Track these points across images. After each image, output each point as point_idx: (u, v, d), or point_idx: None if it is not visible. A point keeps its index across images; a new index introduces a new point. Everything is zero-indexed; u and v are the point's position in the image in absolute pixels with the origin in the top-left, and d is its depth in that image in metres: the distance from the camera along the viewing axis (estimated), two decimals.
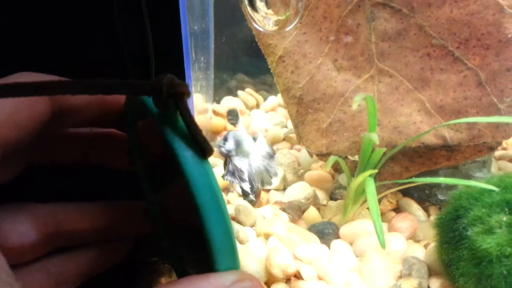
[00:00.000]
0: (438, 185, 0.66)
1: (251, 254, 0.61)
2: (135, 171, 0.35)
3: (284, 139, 0.87)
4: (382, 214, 0.69)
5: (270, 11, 0.56)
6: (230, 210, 0.71)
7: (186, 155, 0.23)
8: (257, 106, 0.99)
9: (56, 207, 0.32)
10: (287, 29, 0.54)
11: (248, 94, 0.98)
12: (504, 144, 0.84)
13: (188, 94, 0.24)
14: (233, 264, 0.24)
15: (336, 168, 0.76)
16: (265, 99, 1.00)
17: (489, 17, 0.49)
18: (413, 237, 0.65)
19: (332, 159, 0.51)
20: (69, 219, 0.33)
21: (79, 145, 0.34)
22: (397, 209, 0.70)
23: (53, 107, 0.27)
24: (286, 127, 0.90)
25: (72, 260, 0.33)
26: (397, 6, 0.56)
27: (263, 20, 0.55)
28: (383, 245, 0.50)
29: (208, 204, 0.23)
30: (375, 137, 0.47)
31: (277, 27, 0.55)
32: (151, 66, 0.43)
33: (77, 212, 0.34)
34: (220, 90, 1.00)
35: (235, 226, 0.67)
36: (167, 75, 0.23)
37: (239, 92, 0.98)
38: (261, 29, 0.55)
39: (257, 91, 1.01)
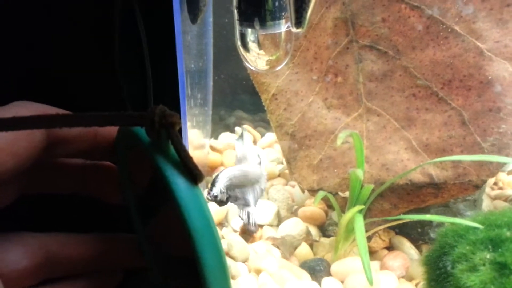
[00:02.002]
0: (430, 224, 0.66)
1: None
2: (125, 204, 0.36)
3: (279, 175, 0.88)
4: (375, 252, 0.69)
5: (261, 52, 0.58)
6: (224, 244, 0.71)
7: (177, 181, 0.24)
8: (254, 142, 1.00)
9: (48, 236, 0.33)
10: (278, 68, 0.56)
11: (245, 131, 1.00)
12: (500, 184, 0.85)
13: (179, 123, 0.25)
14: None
15: (330, 205, 0.77)
16: (262, 135, 1.02)
17: (470, 60, 0.51)
18: (406, 276, 0.65)
19: (320, 194, 0.52)
20: (61, 250, 0.33)
21: (72, 176, 0.35)
22: (390, 248, 0.70)
23: (48, 137, 0.28)
24: (282, 163, 0.91)
25: None
26: (383, 49, 0.58)
27: (255, 60, 0.58)
28: (370, 282, 0.50)
29: (201, 229, 0.23)
30: (360, 172, 0.48)
31: (268, 67, 0.57)
32: (150, 101, 0.45)
33: (68, 242, 0.34)
34: (219, 126, 1.02)
35: (227, 261, 0.67)
36: (159, 106, 0.25)
37: (237, 128, 1.00)
38: (253, 68, 0.57)
39: (255, 127, 1.03)
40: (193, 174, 0.24)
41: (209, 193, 0.64)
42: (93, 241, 0.36)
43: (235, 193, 0.68)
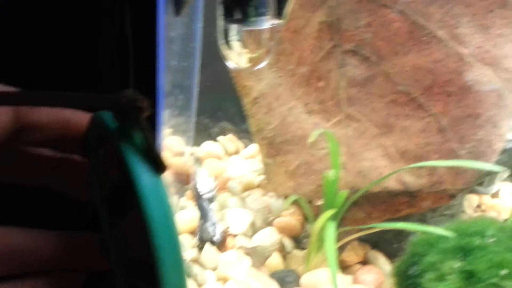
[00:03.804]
0: (406, 239, 0.64)
1: None
2: (94, 203, 0.35)
3: (258, 186, 0.86)
4: (349, 266, 0.67)
5: (244, 50, 0.57)
6: (193, 252, 0.69)
7: (139, 170, 0.24)
8: (237, 152, 0.99)
9: (7, 229, 0.31)
10: (259, 67, 0.55)
11: (228, 140, 0.98)
12: (483, 207, 0.83)
13: (148, 110, 0.25)
14: (181, 286, 0.24)
15: (306, 217, 0.75)
16: (246, 146, 1.00)
17: (450, 65, 0.50)
18: None
19: (291, 198, 0.50)
20: (21, 244, 0.32)
21: (41, 168, 0.33)
22: (365, 262, 0.67)
23: (17, 120, 0.27)
24: (263, 174, 0.89)
25: (18, 287, 0.31)
26: (366, 54, 0.57)
27: (237, 57, 0.57)
28: None
29: (158, 218, 0.22)
30: (332, 174, 0.46)
31: (249, 65, 0.56)
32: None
33: (30, 237, 0.32)
34: (202, 135, 1.01)
35: (196, 269, 0.64)
36: (128, 89, 0.24)
37: (220, 138, 0.99)
38: (235, 66, 0.57)
39: (239, 138, 1.02)
40: (157, 163, 0.24)
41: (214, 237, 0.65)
42: (57, 238, 0.34)
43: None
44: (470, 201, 0.79)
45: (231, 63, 0.59)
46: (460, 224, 0.45)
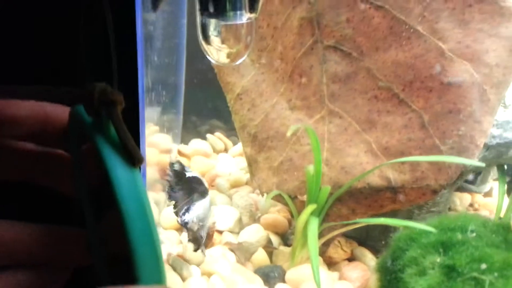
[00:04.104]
0: (393, 236, 0.64)
1: None
2: (78, 198, 0.34)
3: (246, 183, 0.86)
4: (335, 263, 0.67)
5: (223, 45, 0.57)
6: (179, 248, 0.69)
7: (114, 163, 0.24)
8: (225, 150, 0.98)
9: None
10: (238, 62, 0.55)
11: (217, 138, 0.98)
12: (476, 205, 0.83)
13: (121, 103, 0.24)
14: (158, 277, 0.23)
15: (293, 214, 0.75)
16: (234, 144, 1.00)
17: (431, 60, 0.50)
18: None
19: (274, 192, 0.50)
20: (2, 236, 0.31)
21: (23, 161, 0.33)
22: (352, 259, 0.67)
23: None
24: (247, 171, 0.89)
25: (1, 279, 0.31)
26: (347, 50, 0.57)
27: (216, 52, 0.56)
28: (318, 285, 0.47)
29: (134, 212, 0.22)
30: (311, 167, 0.46)
31: (228, 60, 0.56)
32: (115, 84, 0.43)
33: (12, 229, 0.32)
34: (191, 133, 1.00)
35: (180, 263, 0.64)
36: (100, 83, 0.24)
37: (208, 135, 0.98)
38: (214, 61, 0.56)
39: (228, 136, 1.02)
40: (131, 156, 0.23)
41: (180, 218, 0.63)
42: (40, 231, 0.34)
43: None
44: (463, 200, 0.79)
45: (211, 59, 0.58)
46: (443, 219, 0.45)
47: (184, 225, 0.63)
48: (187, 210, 0.65)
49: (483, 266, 0.38)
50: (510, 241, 0.41)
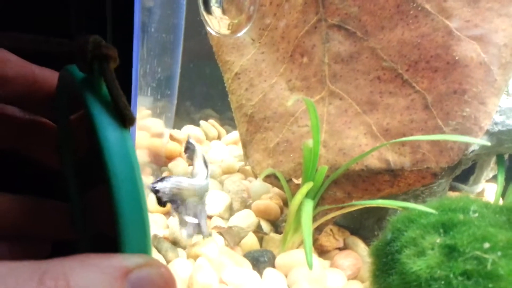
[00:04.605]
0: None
1: (175, 273, 0.55)
2: (63, 170, 0.32)
3: (238, 171, 0.84)
4: (327, 251, 0.65)
5: (224, 16, 0.55)
6: (166, 231, 0.66)
7: (104, 122, 0.21)
8: (219, 138, 0.96)
9: None
10: (240, 33, 0.53)
11: (210, 125, 0.96)
12: None
13: (115, 59, 0.22)
14: (143, 247, 0.21)
15: (286, 202, 0.73)
16: (228, 133, 0.98)
17: (438, 39, 0.48)
18: (357, 277, 0.60)
19: (267, 170, 0.48)
20: None
21: (8, 126, 0.30)
22: (344, 248, 0.65)
23: None
24: (242, 153, 0.87)
25: None
26: (351, 29, 0.55)
27: (217, 23, 0.55)
28: (310, 265, 0.45)
29: (122, 174, 0.20)
30: (309, 142, 0.44)
31: (230, 31, 0.54)
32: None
33: None
34: (185, 119, 0.98)
35: (166, 245, 0.61)
36: (94, 35, 0.22)
37: (201, 122, 0.96)
38: (214, 32, 0.54)
39: (222, 125, 1.00)
40: (123, 115, 0.21)
41: (152, 184, 0.60)
42: (21, 203, 0.31)
43: (178, 204, 0.64)
44: None
45: (211, 30, 0.56)
46: (443, 201, 0.43)
47: (154, 192, 0.60)
48: (162, 180, 0.62)
49: (486, 245, 0.36)
50: None
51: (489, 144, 0.45)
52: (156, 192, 0.60)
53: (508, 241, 0.37)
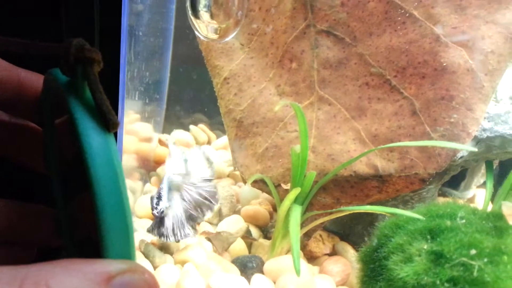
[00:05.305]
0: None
1: (161, 279, 0.54)
2: (49, 174, 0.31)
3: (228, 176, 0.83)
4: (316, 257, 0.65)
5: (212, 21, 0.55)
6: (153, 237, 0.65)
7: (87, 127, 0.21)
8: (209, 142, 0.96)
9: None
10: (228, 38, 0.53)
11: (200, 130, 0.95)
12: None
13: (99, 62, 0.22)
14: (127, 252, 0.20)
15: (275, 207, 0.72)
16: (218, 137, 0.98)
17: (426, 46, 0.49)
18: (346, 283, 0.60)
19: (256, 175, 0.48)
20: None
21: None
22: (333, 254, 0.65)
23: None
24: (231, 158, 0.86)
25: None
26: (340, 35, 0.55)
27: (205, 28, 0.54)
28: (298, 272, 0.45)
29: (104, 178, 0.20)
30: (297, 147, 0.44)
31: (218, 36, 0.53)
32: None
33: None
34: (174, 124, 0.98)
35: (154, 251, 0.61)
36: (77, 38, 0.21)
37: (191, 127, 0.96)
38: (202, 37, 0.54)
39: (212, 130, 0.99)
40: (106, 119, 0.21)
41: (154, 208, 0.58)
42: (6, 207, 0.31)
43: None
44: None
45: (199, 34, 0.56)
46: (431, 207, 0.43)
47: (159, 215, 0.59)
48: (159, 197, 0.60)
49: (473, 251, 0.36)
50: (501, 228, 0.39)
51: (476, 150, 0.45)
52: (161, 214, 0.59)
53: (495, 247, 0.37)
